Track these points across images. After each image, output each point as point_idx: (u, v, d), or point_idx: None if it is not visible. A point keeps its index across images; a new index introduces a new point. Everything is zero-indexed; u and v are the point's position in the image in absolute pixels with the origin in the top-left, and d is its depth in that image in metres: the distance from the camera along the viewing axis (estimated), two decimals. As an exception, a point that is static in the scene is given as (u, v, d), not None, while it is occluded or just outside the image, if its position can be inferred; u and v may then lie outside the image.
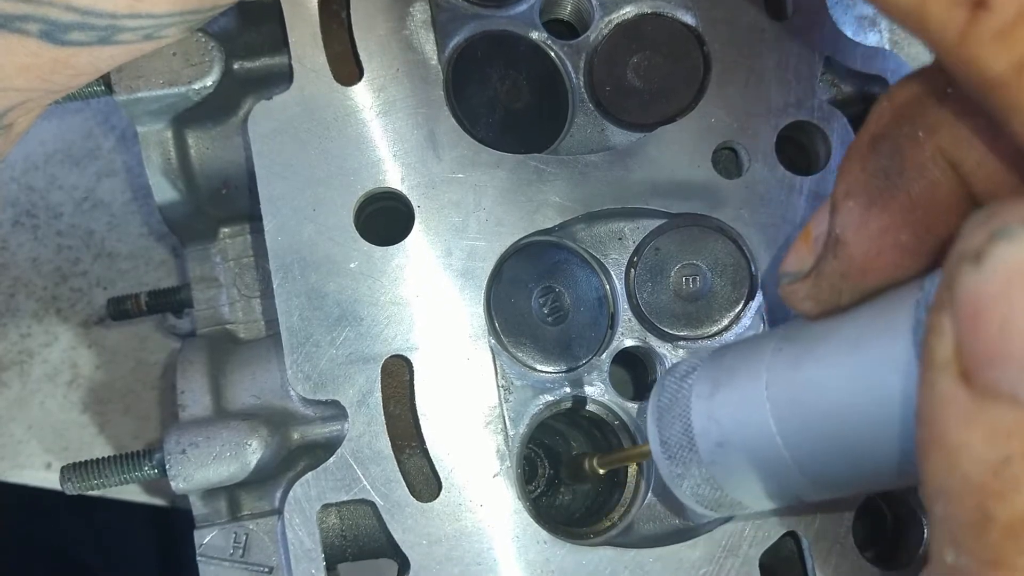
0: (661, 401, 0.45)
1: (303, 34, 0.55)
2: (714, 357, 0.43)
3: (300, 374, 0.53)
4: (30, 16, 0.45)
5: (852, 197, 0.36)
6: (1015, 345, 0.26)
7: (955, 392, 0.27)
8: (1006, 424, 0.26)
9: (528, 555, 0.52)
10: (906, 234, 0.35)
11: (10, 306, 0.78)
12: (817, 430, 0.36)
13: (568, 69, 0.58)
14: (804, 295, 0.38)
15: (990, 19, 0.26)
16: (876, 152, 0.35)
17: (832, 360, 0.35)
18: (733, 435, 0.40)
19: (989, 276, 0.26)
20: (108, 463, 0.57)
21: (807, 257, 0.38)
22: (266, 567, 0.54)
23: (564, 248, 0.56)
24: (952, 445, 0.27)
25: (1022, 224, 0.26)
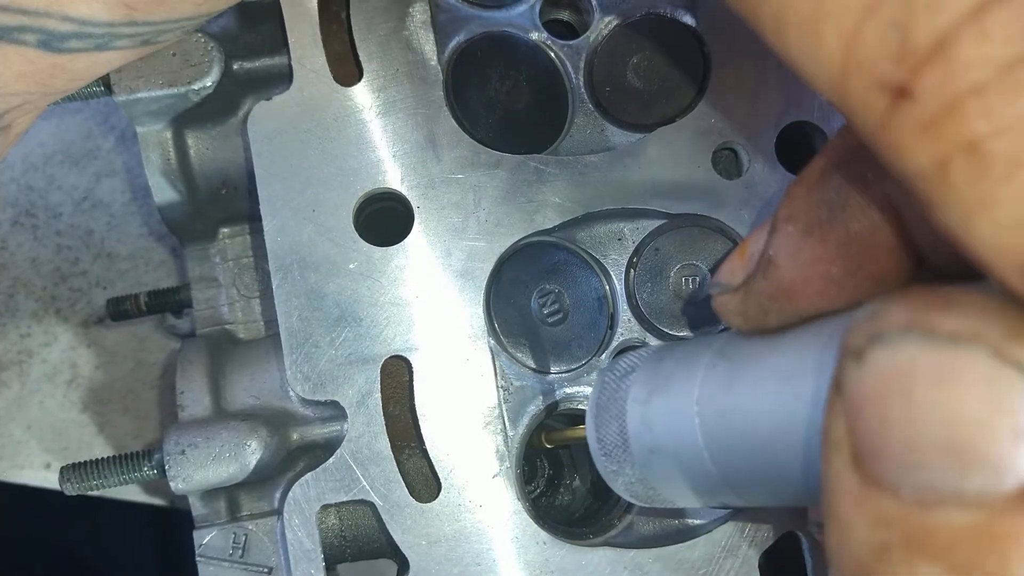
0: (600, 399, 0.45)
1: (303, 34, 0.55)
2: (653, 359, 0.44)
3: (299, 374, 0.53)
4: (27, 27, 0.45)
5: (792, 222, 0.36)
6: (893, 444, 0.26)
7: (846, 473, 0.28)
8: (886, 513, 0.27)
9: (527, 555, 0.52)
10: (837, 267, 0.35)
11: (9, 306, 0.78)
12: (739, 449, 0.37)
13: (568, 69, 0.58)
14: (732, 309, 0.39)
15: (913, 109, 0.25)
16: (824, 184, 0.35)
17: (758, 386, 0.36)
18: (664, 443, 0.41)
19: (868, 377, 0.27)
20: (107, 464, 0.57)
21: (739, 271, 0.39)
22: (265, 567, 0.54)
23: (564, 249, 0.56)
24: (842, 521, 0.28)
25: (899, 330, 0.26)
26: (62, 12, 0.45)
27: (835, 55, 0.26)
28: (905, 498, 0.26)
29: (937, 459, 0.25)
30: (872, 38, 0.25)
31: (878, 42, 0.25)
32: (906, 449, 0.26)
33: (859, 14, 0.25)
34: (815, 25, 0.27)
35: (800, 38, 0.28)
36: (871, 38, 0.25)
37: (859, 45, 0.26)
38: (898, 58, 0.25)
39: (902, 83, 0.25)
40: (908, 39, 0.24)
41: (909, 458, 0.26)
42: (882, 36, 0.25)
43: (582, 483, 0.60)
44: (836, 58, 0.26)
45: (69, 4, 0.45)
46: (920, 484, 0.26)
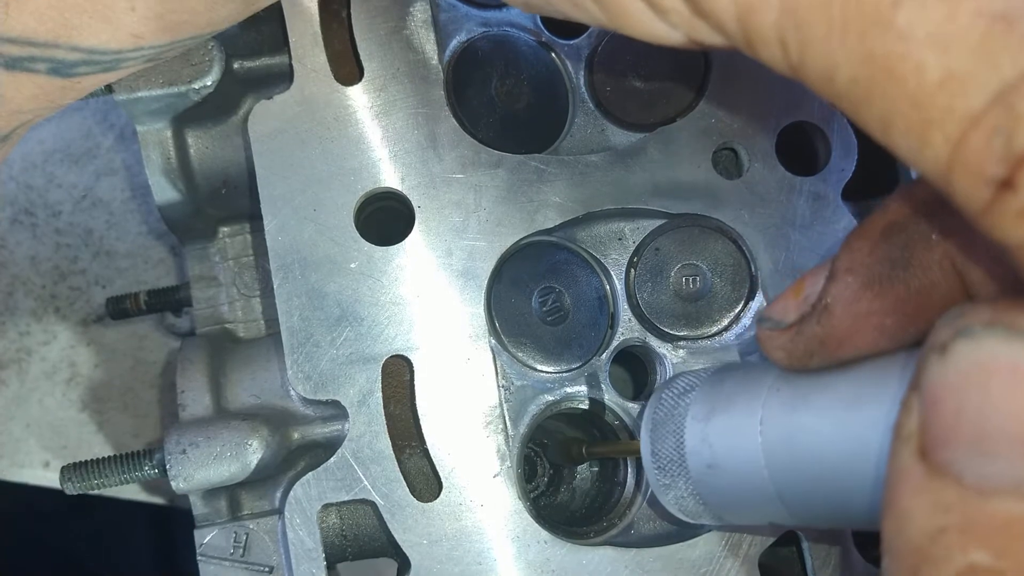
0: (657, 414, 0.46)
1: (303, 34, 0.55)
2: (713, 380, 0.45)
3: (300, 374, 0.53)
4: (37, 57, 0.46)
5: (852, 274, 0.38)
6: (964, 432, 0.29)
7: (912, 464, 0.30)
8: (947, 500, 0.29)
9: (528, 555, 0.52)
10: (891, 320, 0.37)
11: (9, 304, 0.78)
12: (803, 470, 0.39)
13: (568, 69, 0.58)
14: (779, 345, 0.40)
15: (1015, 199, 0.28)
16: (887, 240, 0.37)
17: (826, 413, 0.38)
18: (724, 460, 0.43)
19: (950, 369, 0.29)
20: (108, 463, 0.57)
21: (792, 311, 0.40)
22: (266, 567, 0.55)
23: (564, 248, 0.56)
24: (902, 509, 0.31)
25: (984, 326, 0.29)
26: (70, 43, 0.46)
27: (942, 155, 0.30)
28: (967, 485, 0.29)
29: (1004, 449, 0.28)
30: (978, 142, 0.29)
31: (984, 146, 0.29)
32: (976, 438, 0.28)
33: (967, 124, 0.29)
34: (923, 130, 0.30)
35: (907, 140, 0.31)
36: (977, 142, 0.29)
37: (966, 148, 0.29)
38: (1002, 158, 0.28)
39: (1005, 178, 0.28)
40: (1011, 142, 0.28)
41: (977, 447, 0.28)
42: (987, 141, 0.29)
43: (582, 483, 0.60)
44: (943, 157, 0.30)
45: (77, 35, 0.45)
46: (983, 473, 0.28)
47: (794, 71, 0.34)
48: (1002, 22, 0.28)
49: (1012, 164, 0.28)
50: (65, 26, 0.45)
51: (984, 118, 0.29)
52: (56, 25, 0.45)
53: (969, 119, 0.29)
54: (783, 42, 0.33)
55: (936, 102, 0.29)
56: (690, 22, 0.36)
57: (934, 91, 0.29)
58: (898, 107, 0.30)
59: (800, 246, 0.56)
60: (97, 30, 0.45)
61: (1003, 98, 0.28)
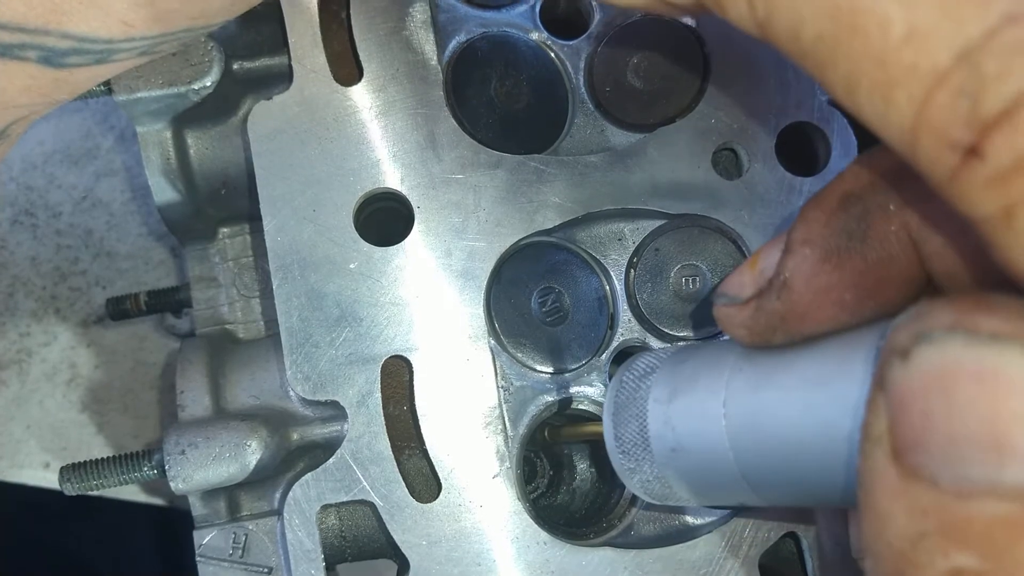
0: (619, 397, 0.46)
1: (303, 34, 0.55)
2: (674, 361, 0.44)
3: (300, 375, 0.53)
4: (28, 44, 0.46)
5: (809, 246, 0.37)
6: (934, 437, 0.28)
7: (886, 466, 0.30)
8: (924, 503, 0.28)
9: (528, 556, 0.52)
10: (851, 294, 0.36)
11: (9, 305, 0.78)
12: (769, 451, 0.38)
13: (568, 70, 0.58)
14: (739, 322, 0.40)
15: (982, 166, 0.27)
16: (844, 211, 0.36)
17: (791, 391, 0.37)
18: (687, 443, 0.42)
19: (913, 374, 0.29)
20: (107, 464, 0.57)
21: (749, 285, 0.39)
22: (265, 567, 0.54)
23: (564, 249, 0.56)
24: (880, 513, 0.30)
25: (944, 330, 0.28)
26: (61, 30, 0.45)
27: (907, 117, 0.29)
28: (944, 489, 0.28)
29: (976, 452, 0.27)
30: (943, 104, 0.28)
31: (949, 108, 0.28)
32: (947, 442, 0.28)
33: (931, 83, 0.28)
34: (887, 90, 0.29)
35: (871, 101, 0.30)
36: (942, 104, 0.28)
37: (931, 109, 0.28)
38: (968, 122, 0.27)
39: (972, 144, 0.27)
40: (978, 106, 0.27)
41: (949, 451, 0.28)
42: (953, 103, 0.28)
43: (582, 483, 0.60)
44: (907, 119, 0.29)
45: (68, 22, 0.45)
46: (958, 476, 0.28)
47: (761, 29, 0.33)
48: None
49: (979, 129, 0.27)
50: (55, 12, 0.45)
51: (950, 77, 0.28)
52: (46, 11, 0.45)
53: (934, 77, 0.28)
54: None
55: (901, 59, 0.29)
56: None
57: (899, 47, 0.29)
58: (863, 65, 0.30)
59: (800, 246, 0.56)
60: (87, 16, 0.45)
61: (969, 57, 0.27)
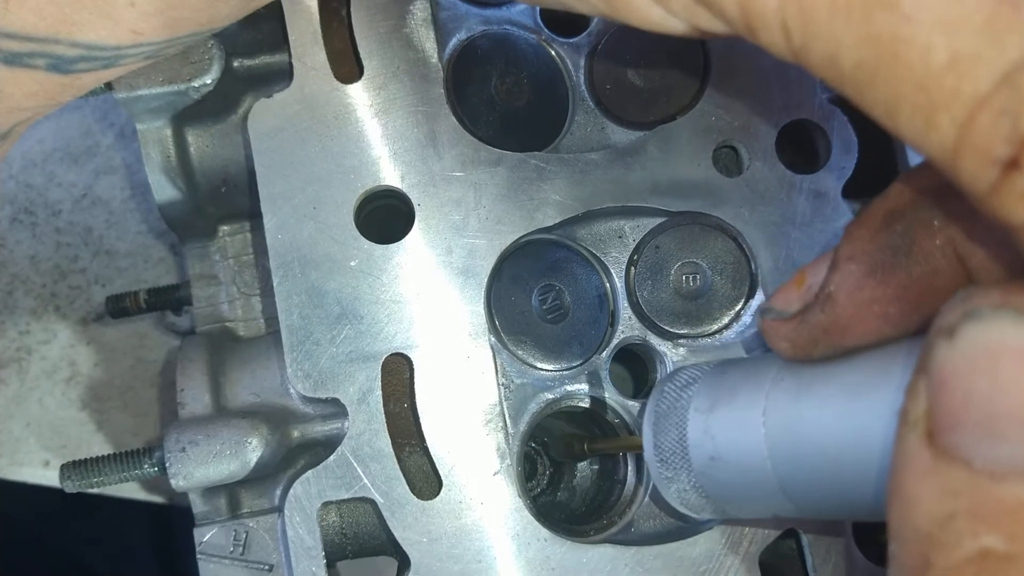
0: (659, 407, 0.46)
1: (303, 32, 0.55)
2: (715, 372, 0.45)
3: (300, 372, 0.53)
4: (37, 53, 0.46)
5: (855, 262, 0.38)
6: (973, 415, 0.28)
7: (919, 449, 0.30)
8: (956, 484, 0.29)
9: (528, 553, 0.52)
10: (895, 308, 0.37)
11: (8, 303, 0.78)
12: (806, 461, 0.38)
13: (568, 67, 0.58)
14: (783, 335, 0.40)
15: (1022, 179, 0.28)
16: (889, 227, 0.37)
17: (830, 402, 0.37)
18: (726, 452, 0.42)
19: (958, 352, 0.29)
20: (108, 461, 0.57)
21: (795, 301, 0.40)
22: (266, 565, 0.55)
23: (564, 246, 0.56)
24: (909, 496, 0.30)
25: (992, 308, 0.29)
26: (70, 39, 0.46)
27: (949, 138, 0.30)
28: (977, 469, 0.28)
29: (1014, 432, 0.27)
30: (985, 124, 0.29)
31: (991, 127, 0.29)
32: (985, 421, 0.28)
33: (973, 105, 0.29)
34: (929, 113, 0.30)
35: (913, 123, 0.31)
36: (984, 124, 0.29)
37: (973, 130, 0.29)
38: (1009, 138, 0.28)
39: (1013, 157, 0.28)
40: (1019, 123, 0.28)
41: (987, 430, 0.28)
42: (995, 122, 0.29)
43: (583, 481, 0.60)
44: (950, 140, 0.30)
45: (77, 31, 0.45)
46: (993, 456, 0.28)
47: (796, 56, 0.33)
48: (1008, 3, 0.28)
49: (1019, 144, 0.28)
50: (65, 22, 0.45)
51: (991, 100, 0.29)
52: (56, 20, 0.45)
53: (976, 101, 0.29)
54: (785, 26, 0.33)
55: (943, 84, 0.29)
56: (690, 8, 0.36)
57: (941, 73, 0.29)
58: (904, 90, 0.30)
59: (800, 244, 0.56)
60: (97, 26, 0.45)
61: (1010, 79, 0.28)
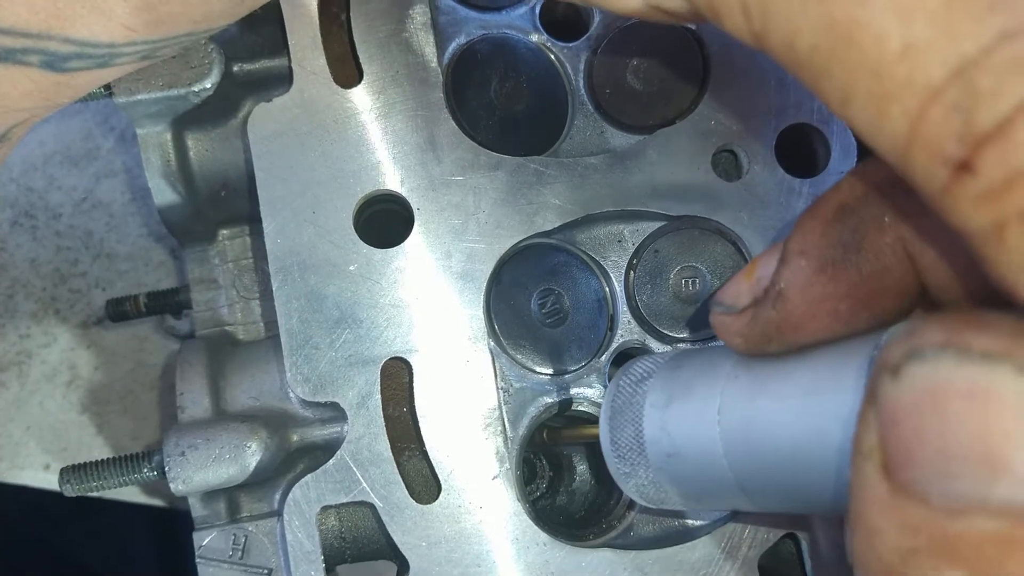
0: (615, 402, 0.46)
1: (303, 36, 0.55)
2: (671, 366, 0.45)
3: (299, 376, 0.53)
4: (30, 49, 0.46)
5: (805, 257, 0.37)
6: (925, 454, 0.28)
7: (876, 481, 0.30)
8: (915, 520, 0.28)
9: (528, 557, 0.52)
10: (845, 305, 0.36)
11: (9, 307, 0.78)
12: (762, 458, 0.38)
13: (568, 71, 0.58)
14: (735, 331, 0.40)
15: (974, 181, 0.27)
16: (840, 222, 0.37)
17: (785, 400, 0.37)
18: (683, 448, 0.42)
19: (904, 391, 0.29)
20: (107, 465, 0.57)
21: (745, 295, 0.40)
22: (265, 569, 0.55)
23: (563, 250, 0.56)
24: (871, 527, 0.30)
25: (935, 348, 0.28)
26: (63, 35, 0.46)
27: (900, 131, 0.29)
28: (934, 506, 0.28)
29: (967, 469, 0.27)
30: (937, 119, 0.28)
31: (943, 123, 0.28)
32: (938, 459, 0.28)
33: (925, 97, 0.28)
34: (882, 103, 0.29)
35: (866, 113, 0.30)
36: (936, 119, 0.28)
37: (924, 124, 0.28)
38: (961, 137, 0.27)
39: (964, 159, 0.27)
40: (971, 121, 0.27)
41: (940, 468, 0.28)
42: (946, 118, 0.28)
43: (582, 484, 0.60)
44: (901, 133, 0.29)
45: (70, 27, 0.45)
46: (949, 493, 0.28)
47: (757, 39, 0.33)
48: None
49: (971, 145, 0.27)
50: (58, 16, 0.45)
51: (944, 93, 0.28)
52: (49, 16, 0.45)
53: (928, 92, 0.28)
54: (745, 8, 0.32)
55: (896, 73, 0.29)
56: None
57: (894, 61, 0.29)
58: (858, 78, 0.30)
59: (799, 248, 0.56)
60: (89, 21, 0.45)
61: (963, 73, 0.27)
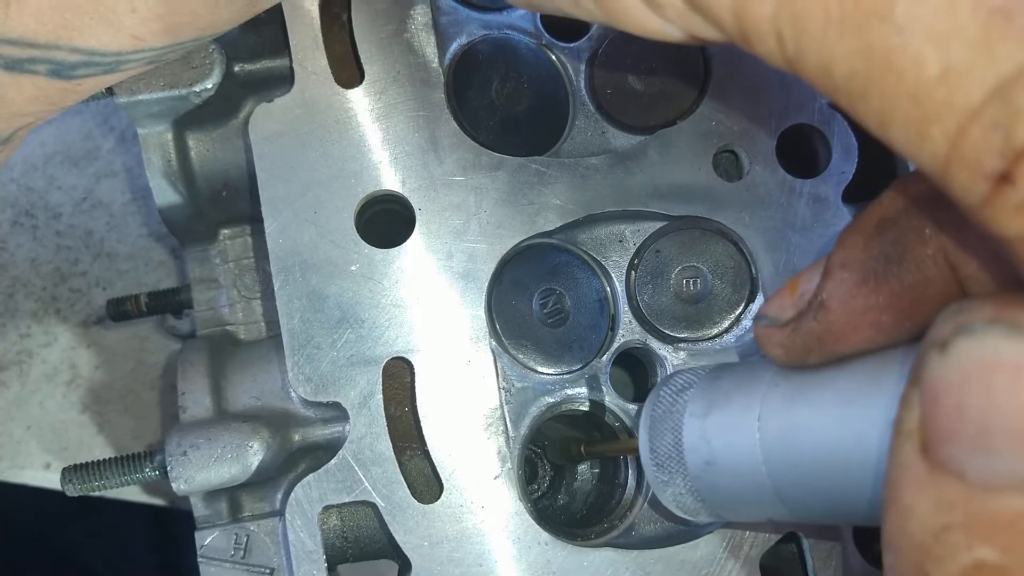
0: (655, 411, 0.46)
1: (304, 37, 0.55)
2: (711, 377, 0.45)
3: (301, 376, 0.53)
4: (38, 59, 0.46)
5: (847, 269, 0.38)
6: (966, 429, 0.29)
7: (914, 460, 0.30)
8: (950, 496, 0.29)
9: (529, 556, 0.52)
10: (888, 316, 0.37)
11: (9, 306, 0.78)
12: (801, 467, 0.39)
13: (569, 72, 0.58)
14: (777, 342, 0.40)
15: (1013, 192, 0.28)
16: (881, 235, 0.37)
17: (824, 409, 0.37)
18: (722, 457, 0.42)
19: (951, 366, 0.29)
20: (109, 464, 0.57)
21: (789, 308, 0.40)
22: (267, 568, 0.55)
23: (565, 251, 0.56)
24: (905, 506, 0.30)
25: (984, 323, 0.29)
26: (71, 45, 0.46)
27: (940, 150, 0.30)
28: (971, 482, 0.28)
29: (1008, 446, 0.28)
30: (976, 136, 0.29)
31: (982, 140, 0.29)
32: (979, 435, 0.28)
33: (965, 118, 0.29)
34: (921, 125, 0.30)
35: (905, 134, 0.31)
36: (976, 136, 0.29)
37: (964, 142, 0.29)
38: (1002, 153, 0.28)
39: (1005, 171, 0.28)
40: (1010, 136, 0.28)
41: (980, 443, 0.28)
42: (986, 135, 0.29)
43: (583, 484, 0.60)
44: (942, 151, 0.30)
45: (78, 37, 0.45)
46: (987, 469, 0.28)
47: (791, 65, 0.34)
48: (1001, 15, 0.28)
49: (1011, 158, 0.28)
50: (66, 27, 0.45)
51: (983, 112, 0.29)
52: (57, 26, 0.45)
53: (968, 113, 0.29)
54: (779, 35, 0.33)
55: (935, 96, 0.29)
56: (686, 16, 0.36)
57: (933, 85, 0.29)
58: (896, 101, 0.30)
59: (801, 248, 0.56)
60: (98, 31, 0.45)
61: (1002, 92, 0.28)
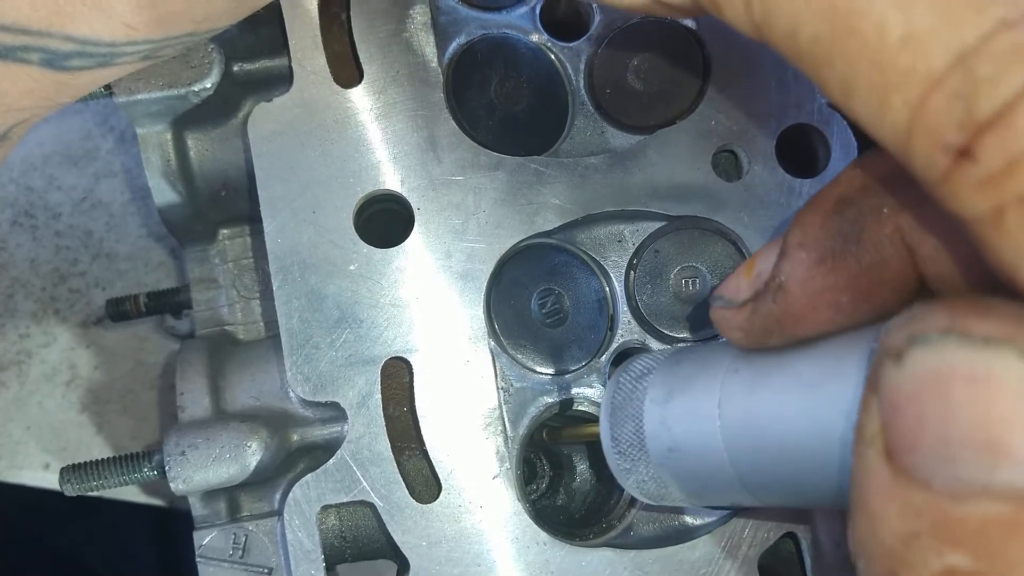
0: (615, 399, 0.46)
1: (303, 36, 0.55)
2: (670, 362, 0.45)
3: (300, 376, 0.53)
4: (30, 47, 0.46)
5: (804, 249, 0.37)
6: (927, 439, 0.28)
7: (878, 466, 0.30)
8: (917, 504, 0.29)
9: (528, 556, 0.52)
10: (847, 297, 0.36)
11: (8, 306, 0.78)
12: (763, 452, 0.38)
13: (568, 71, 0.58)
14: (736, 325, 0.40)
15: (974, 167, 0.28)
16: (839, 214, 0.37)
17: (786, 393, 0.37)
18: (683, 443, 0.42)
19: (907, 376, 0.29)
20: (107, 464, 0.57)
21: (745, 289, 0.40)
22: (266, 568, 0.55)
23: (564, 250, 0.56)
24: (873, 512, 0.30)
25: (938, 333, 0.28)
26: (63, 32, 0.46)
27: (901, 119, 0.29)
28: (937, 490, 0.28)
29: (969, 454, 0.27)
30: (938, 107, 0.28)
31: (943, 110, 0.28)
32: (940, 444, 0.28)
33: (926, 86, 0.28)
34: (883, 93, 0.29)
35: (867, 103, 0.30)
36: (937, 107, 0.28)
37: (925, 112, 0.29)
38: (962, 125, 0.28)
39: (965, 145, 0.28)
40: (971, 108, 0.27)
41: (942, 452, 0.28)
42: (947, 106, 0.28)
43: (582, 484, 0.60)
44: (902, 122, 0.29)
45: (71, 24, 0.45)
46: (951, 477, 0.28)
47: (758, 30, 0.33)
48: None
49: (971, 132, 0.28)
50: (59, 14, 0.45)
51: (945, 81, 0.28)
52: (50, 13, 0.45)
53: (929, 81, 0.28)
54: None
55: (897, 62, 0.29)
56: None
57: (895, 50, 0.29)
58: (859, 67, 0.30)
59: (799, 248, 0.56)
60: (90, 18, 0.45)
61: (964, 61, 0.28)
